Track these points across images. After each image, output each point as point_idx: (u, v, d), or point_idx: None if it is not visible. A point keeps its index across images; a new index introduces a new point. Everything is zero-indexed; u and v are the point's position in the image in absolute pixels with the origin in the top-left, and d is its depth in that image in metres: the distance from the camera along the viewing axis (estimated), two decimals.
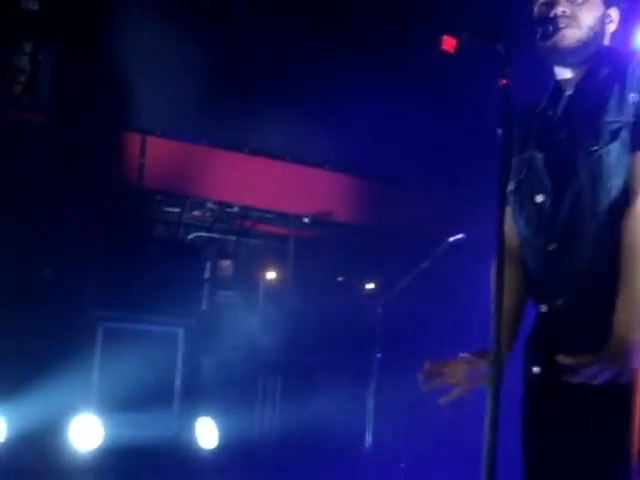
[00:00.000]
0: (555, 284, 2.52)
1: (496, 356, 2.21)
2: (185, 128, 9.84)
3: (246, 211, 10.42)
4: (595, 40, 2.59)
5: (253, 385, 8.51)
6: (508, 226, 2.67)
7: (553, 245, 2.53)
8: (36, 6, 8.60)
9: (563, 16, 2.55)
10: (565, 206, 2.51)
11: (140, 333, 7.82)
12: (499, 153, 2.36)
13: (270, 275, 10.20)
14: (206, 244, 10.07)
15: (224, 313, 8.96)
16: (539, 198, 2.57)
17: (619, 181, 2.43)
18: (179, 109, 9.45)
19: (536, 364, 2.57)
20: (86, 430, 7.15)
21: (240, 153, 10.18)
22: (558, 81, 2.70)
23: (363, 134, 9.52)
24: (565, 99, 2.62)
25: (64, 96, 8.58)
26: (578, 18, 2.56)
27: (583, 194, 2.46)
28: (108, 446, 7.22)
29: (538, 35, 2.50)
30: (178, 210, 10.11)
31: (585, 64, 2.63)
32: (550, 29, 2.51)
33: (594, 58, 2.62)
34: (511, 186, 2.68)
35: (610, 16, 2.64)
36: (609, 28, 2.65)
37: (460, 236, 6.84)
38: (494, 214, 2.35)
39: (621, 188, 2.43)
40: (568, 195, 2.49)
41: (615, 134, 2.44)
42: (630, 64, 2.50)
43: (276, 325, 9.11)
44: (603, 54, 2.63)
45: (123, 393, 7.28)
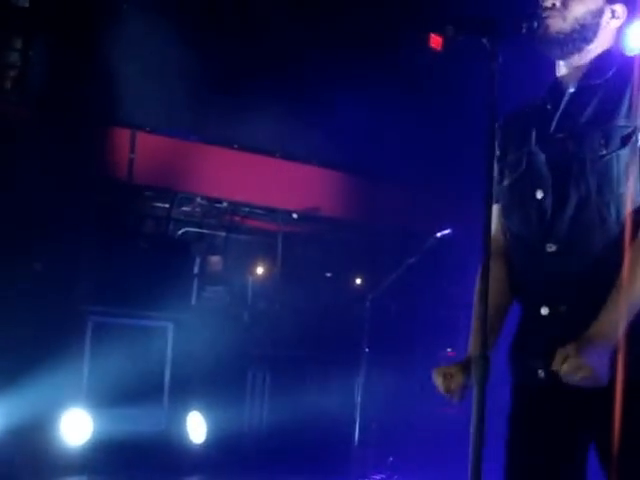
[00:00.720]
0: (557, 287, 2.47)
1: (482, 354, 2.18)
2: (175, 124, 9.84)
3: (235, 207, 10.43)
4: (584, 33, 2.55)
5: (242, 380, 8.52)
6: (496, 224, 2.65)
7: (553, 247, 2.47)
8: (26, 3, 8.63)
9: (552, 8, 2.54)
10: (569, 208, 2.45)
11: (130, 328, 7.84)
12: (485, 149, 2.33)
13: (259, 270, 10.23)
14: (195, 239, 10.09)
15: (213, 307, 8.98)
16: (539, 194, 2.52)
17: (629, 188, 2.39)
18: (169, 105, 9.45)
19: (541, 369, 2.47)
20: (76, 425, 7.17)
21: (229, 149, 10.19)
22: (558, 76, 2.67)
23: (352, 131, 9.54)
24: (567, 96, 2.59)
25: (54, 92, 8.59)
26: (567, 9, 2.54)
27: (590, 199, 2.41)
28: (98, 440, 7.24)
29: (523, 29, 2.42)
30: (167, 206, 10.12)
31: (586, 62, 2.60)
32: (535, 22, 2.47)
33: (599, 58, 2.59)
34: (507, 181, 2.65)
35: (615, 11, 2.59)
36: (612, 24, 2.60)
37: (447, 231, 6.85)
38: (479, 210, 2.31)
39: (633, 196, 2.39)
40: (573, 197, 2.44)
41: (625, 139, 2.40)
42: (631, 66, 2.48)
43: (265, 320, 9.14)
44: (607, 55, 2.60)
45: (113, 388, 7.29)
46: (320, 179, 10.57)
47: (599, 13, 2.58)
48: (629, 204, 2.39)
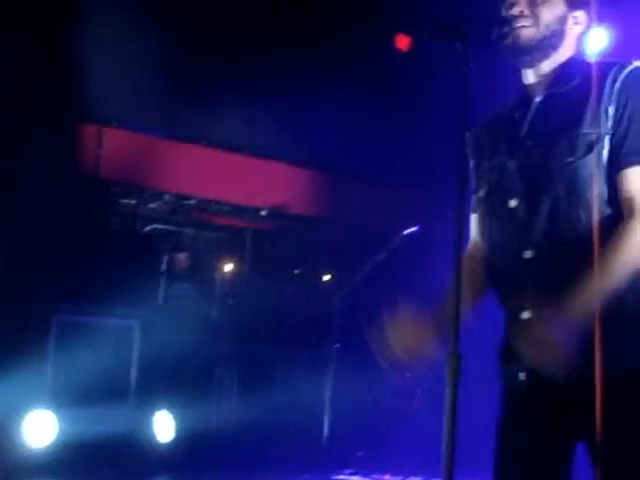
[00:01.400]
0: (536, 292, 2.50)
1: (454, 352, 2.23)
2: (143, 120, 9.79)
3: (203, 204, 10.41)
4: (552, 39, 2.59)
5: (210, 377, 8.49)
6: (474, 231, 2.73)
7: (529, 253, 2.52)
8: None
9: (521, 16, 2.57)
10: (541, 215, 2.50)
11: (95, 326, 7.77)
12: (458, 156, 2.37)
13: (227, 267, 10.19)
14: (163, 237, 10.03)
15: (180, 305, 8.93)
16: (513, 203, 2.56)
17: (596, 193, 2.43)
18: (137, 100, 9.38)
19: (521, 371, 2.53)
20: (40, 426, 7.09)
21: (198, 145, 10.16)
22: (525, 84, 2.69)
23: (321, 129, 9.53)
24: (535, 105, 2.62)
25: (20, 85, 8.50)
26: (536, 16, 2.57)
27: (560, 204, 2.46)
28: (63, 442, 7.17)
29: (494, 36, 2.52)
30: (135, 202, 10.06)
31: (552, 69, 2.63)
32: (506, 29, 2.54)
33: (564, 66, 2.63)
34: (482, 192, 2.69)
35: (576, 18, 2.64)
36: (575, 30, 2.65)
37: (415, 229, 6.88)
38: (447, 210, 2.37)
39: (601, 200, 2.43)
40: (544, 204, 2.49)
41: (591, 146, 2.44)
42: (607, 76, 2.49)
43: (233, 317, 9.11)
44: (572, 63, 2.64)
45: (78, 387, 7.23)
46: (289, 176, 10.57)
47: (564, 20, 2.62)
48: (596, 208, 2.44)
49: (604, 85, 2.48)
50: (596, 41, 7.79)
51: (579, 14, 2.65)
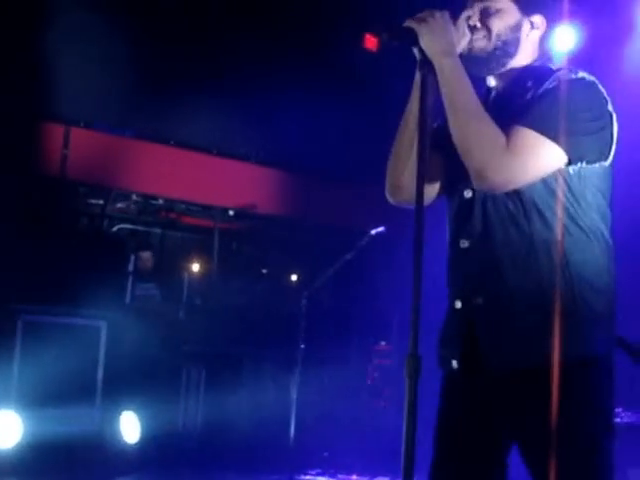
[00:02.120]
0: (470, 282, 2.58)
1: (414, 350, 2.26)
2: (110, 119, 9.76)
3: (171, 203, 10.40)
4: (506, 48, 2.65)
5: (177, 378, 8.47)
6: None
7: (465, 243, 2.59)
8: None
9: (474, 28, 2.63)
10: (479, 206, 2.57)
11: (62, 326, 7.71)
12: (417, 157, 2.39)
13: (195, 267, 10.18)
14: (130, 236, 10.00)
15: (148, 305, 8.91)
16: (467, 194, 2.63)
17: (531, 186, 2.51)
18: (104, 100, 9.36)
19: (454, 358, 2.59)
20: (5, 426, 7.03)
21: (166, 145, 10.14)
22: (487, 87, 2.77)
23: (288, 128, 9.54)
24: (489, 103, 2.67)
25: None
26: (488, 29, 2.63)
27: (498, 197, 2.53)
28: (28, 442, 7.10)
29: None
30: (102, 202, 10.03)
31: (508, 72, 2.69)
32: (462, 41, 2.59)
33: (521, 71, 2.68)
34: (446, 185, 2.76)
35: (533, 23, 2.68)
36: (532, 34, 2.69)
37: (381, 229, 6.91)
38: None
39: (535, 194, 2.50)
40: (482, 195, 2.56)
41: None
42: (551, 76, 2.55)
43: (200, 317, 9.10)
44: (530, 68, 2.69)
45: (44, 388, 7.17)
46: (257, 176, 10.57)
47: (518, 27, 2.67)
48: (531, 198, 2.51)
49: (543, 85, 2.54)
50: (564, 40, 7.87)
51: (536, 18, 2.69)
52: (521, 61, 2.69)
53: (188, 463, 7.88)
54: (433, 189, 2.75)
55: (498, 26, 2.64)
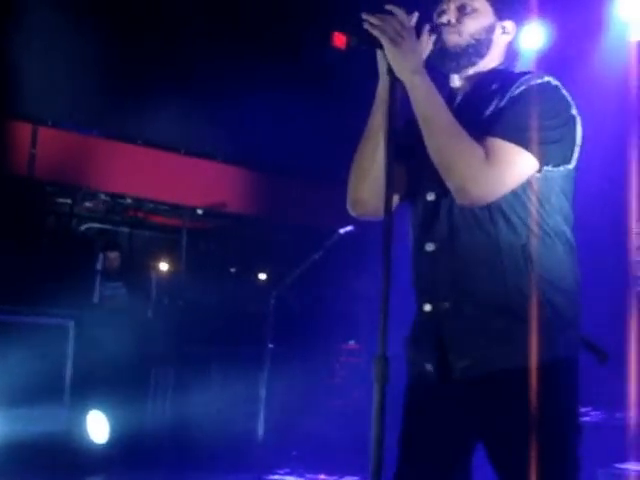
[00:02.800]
0: (438, 285, 2.58)
1: (382, 354, 2.25)
2: (78, 119, 9.72)
3: (139, 203, 10.37)
4: (478, 48, 2.66)
5: (145, 377, 8.45)
6: None
7: (430, 246, 2.59)
8: None
9: (449, 24, 2.64)
10: (444, 209, 2.57)
11: (29, 326, 7.68)
12: (386, 156, 2.39)
13: (163, 266, 10.16)
14: (98, 236, 9.97)
15: (116, 305, 8.88)
16: (430, 197, 2.63)
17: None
18: (72, 99, 9.33)
19: (427, 362, 2.58)
20: None
21: (133, 144, 10.11)
22: (451, 88, 2.77)
23: (256, 127, 9.55)
24: (454, 106, 2.67)
25: None
26: (462, 26, 2.65)
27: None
28: None
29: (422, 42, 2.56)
30: (70, 201, 9.99)
31: (475, 75, 2.70)
32: (435, 35, 2.59)
33: (486, 75, 2.70)
34: (409, 187, 2.74)
35: (504, 28, 2.71)
36: (502, 39, 2.72)
37: (349, 228, 6.91)
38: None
39: (502, 198, 2.50)
40: (449, 198, 2.55)
41: None
42: (517, 80, 2.56)
43: (169, 316, 9.08)
44: (496, 70, 2.71)
45: (11, 387, 7.14)
46: (225, 175, 10.57)
47: (491, 29, 2.69)
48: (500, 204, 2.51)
49: (509, 90, 2.55)
50: (533, 38, 7.92)
51: (508, 24, 2.72)
52: (488, 64, 2.71)
53: (156, 463, 7.85)
54: (395, 196, 2.71)
55: (473, 25, 2.66)
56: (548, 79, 2.56)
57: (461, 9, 2.67)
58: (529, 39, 7.86)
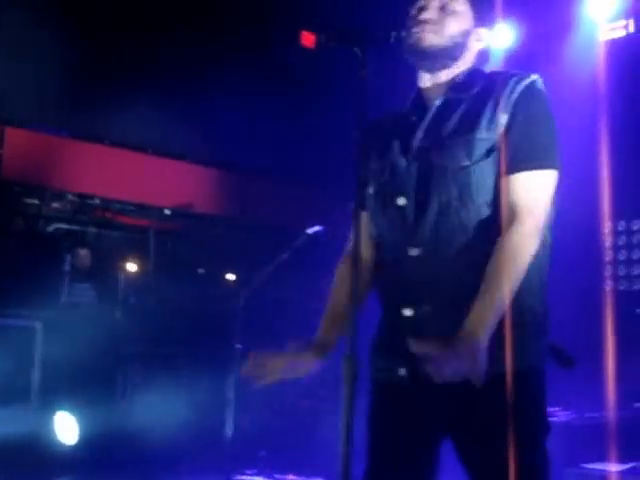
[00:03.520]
0: (420, 289, 2.54)
1: (351, 354, 2.24)
2: (45, 119, 9.68)
3: (107, 203, 10.34)
4: (453, 51, 2.64)
5: (113, 378, 8.42)
6: (364, 231, 2.71)
7: (415, 251, 2.55)
8: None
9: (429, 22, 2.61)
10: (430, 214, 2.53)
11: None
12: (355, 156, 2.41)
13: (131, 267, 10.12)
14: (66, 236, 9.93)
15: (83, 305, 8.85)
16: (401, 201, 2.59)
17: (487, 198, 2.50)
18: (39, 99, 9.29)
19: (401, 366, 2.55)
20: None
21: (101, 145, 10.08)
22: (421, 88, 2.73)
23: (225, 128, 9.54)
24: (434, 108, 2.65)
25: None
26: (442, 25, 2.62)
27: (450, 206, 2.50)
28: None
29: (392, 39, 2.52)
30: (38, 202, 9.94)
31: (451, 77, 2.68)
32: (411, 31, 2.58)
33: (466, 74, 2.67)
34: (371, 189, 2.70)
35: (479, 34, 2.70)
36: (476, 45, 2.71)
37: (318, 228, 6.91)
38: (347, 210, 2.41)
39: (490, 205, 2.50)
40: (434, 204, 2.53)
41: (487, 152, 2.50)
42: (506, 86, 2.54)
43: (137, 317, 9.05)
44: (475, 72, 2.69)
45: None
46: (193, 175, 10.56)
47: (468, 34, 2.67)
48: (487, 212, 2.51)
49: (502, 94, 2.54)
50: (502, 37, 7.97)
51: (482, 31, 2.72)
52: (461, 68, 2.69)
53: (124, 464, 7.84)
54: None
55: (453, 27, 2.63)
56: (534, 78, 2.57)
57: (443, 9, 2.64)
58: (498, 39, 7.92)
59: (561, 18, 7.70)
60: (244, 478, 7.28)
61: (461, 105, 2.61)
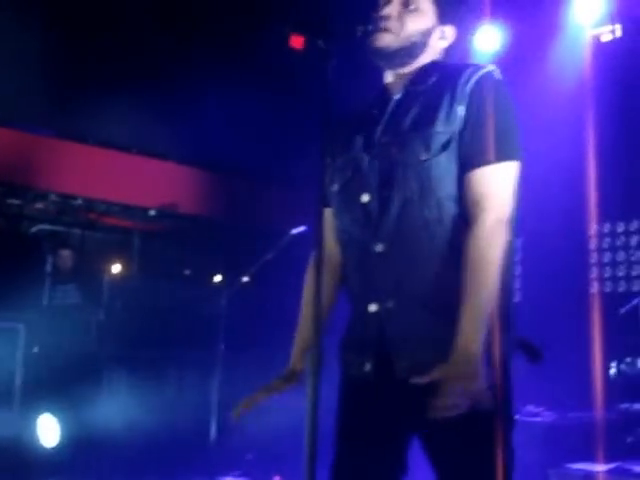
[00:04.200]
0: (385, 285, 2.54)
1: (316, 346, 2.21)
2: (28, 118, 9.63)
3: (91, 204, 10.30)
4: (411, 50, 2.63)
5: (97, 380, 8.39)
6: (328, 228, 2.70)
7: (380, 247, 2.54)
8: None
9: (389, 18, 2.60)
10: (393, 210, 2.52)
11: None
12: (318, 151, 2.37)
13: (115, 268, 10.08)
14: (49, 237, 9.88)
15: (67, 307, 8.80)
16: (365, 198, 2.58)
17: (448, 192, 2.48)
18: (22, 99, 9.24)
19: (367, 362, 2.55)
20: None
21: (84, 144, 10.04)
22: (385, 83, 2.72)
23: (209, 127, 9.52)
24: (393, 103, 2.64)
25: None
26: (401, 24, 2.61)
27: (412, 201, 2.49)
28: None
29: (359, 33, 2.48)
30: (20, 202, 9.90)
31: (411, 71, 2.66)
32: (370, 27, 2.54)
33: (424, 68, 2.66)
34: (335, 187, 2.69)
35: (443, 32, 2.68)
36: (439, 44, 2.68)
37: (302, 228, 6.91)
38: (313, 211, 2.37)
39: (452, 199, 2.48)
40: (396, 200, 2.51)
41: (444, 145, 2.48)
42: (461, 76, 2.53)
43: (121, 319, 9.02)
44: (432, 63, 2.67)
45: None
46: (178, 176, 10.53)
47: (429, 33, 2.66)
48: (449, 206, 2.49)
49: (457, 85, 2.52)
50: (489, 40, 7.98)
51: (447, 29, 2.69)
52: (420, 63, 2.67)
53: (108, 467, 7.81)
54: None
55: (411, 27, 2.62)
56: (490, 68, 2.55)
57: (405, 4, 2.63)
58: (485, 41, 7.93)
59: (548, 22, 7.71)
60: None
61: (419, 98, 2.59)
